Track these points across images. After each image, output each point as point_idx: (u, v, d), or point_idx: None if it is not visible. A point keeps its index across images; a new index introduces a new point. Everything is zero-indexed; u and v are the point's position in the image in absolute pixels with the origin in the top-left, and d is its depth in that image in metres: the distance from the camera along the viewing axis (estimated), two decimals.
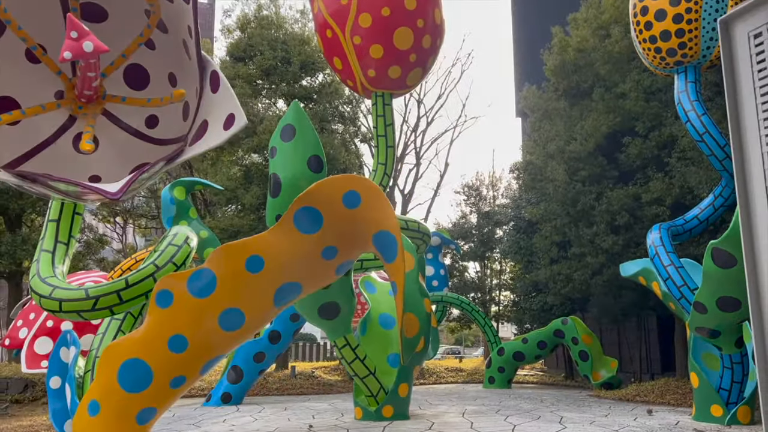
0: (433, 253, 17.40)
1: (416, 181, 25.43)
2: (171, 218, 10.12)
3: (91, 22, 3.77)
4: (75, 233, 4.49)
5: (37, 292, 4.14)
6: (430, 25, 6.66)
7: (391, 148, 6.86)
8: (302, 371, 15.05)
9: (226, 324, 3.74)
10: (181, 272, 3.77)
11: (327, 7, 6.64)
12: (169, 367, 3.77)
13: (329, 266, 3.80)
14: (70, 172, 3.75)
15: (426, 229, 6.71)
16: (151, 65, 4.03)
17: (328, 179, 3.56)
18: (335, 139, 14.71)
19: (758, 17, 2.27)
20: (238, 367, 9.60)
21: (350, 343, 6.14)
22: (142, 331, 3.77)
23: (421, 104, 25.31)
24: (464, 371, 19.15)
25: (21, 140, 3.78)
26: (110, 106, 3.99)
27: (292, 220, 3.62)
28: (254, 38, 15.27)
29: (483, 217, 25.23)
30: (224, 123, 3.39)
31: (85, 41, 3.01)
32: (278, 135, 5.25)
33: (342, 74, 6.85)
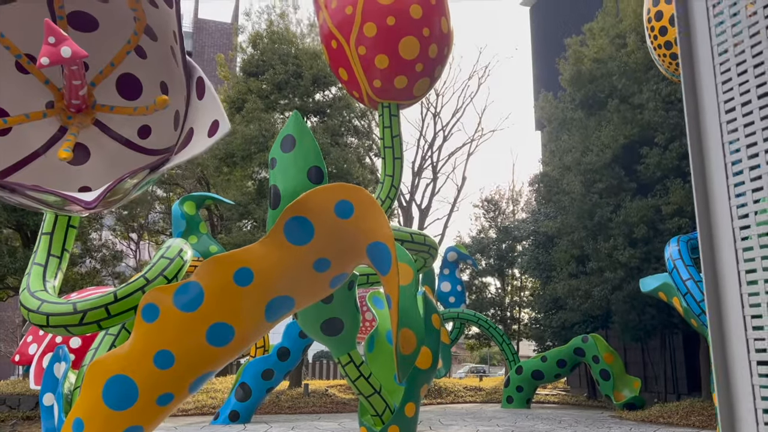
0: (450, 268, 17.12)
1: (433, 196, 25.28)
2: (181, 233, 10.09)
3: (81, 32, 3.70)
4: (68, 246, 4.40)
5: (26, 306, 4.04)
6: (436, 35, 6.51)
7: (399, 159, 6.71)
8: (316, 389, 14.83)
9: (214, 339, 3.57)
10: (168, 285, 3.63)
11: (332, 18, 6.54)
12: (156, 383, 3.60)
13: (322, 279, 3.62)
14: (60, 184, 3.67)
15: (432, 242, 6.51)
16: (143, 74, 3.94)
17: (320, 188, 3.40)
18: (349, 153, 14.63)
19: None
20: (247, 385, 9.45)
21: (354, 360, 5.94)
22: (127, 346, 3.62)
23: (438, 118, 25.21)
24: (483, 390, 18.73)
25: (10, 151, 3.70)
26: (102, 116, 3.91)
27: (282, 230, 3.45)
28: (266, 53, 15.36)
29: (502, 232, 24.91)
30: (209, 130, 3.26)
31: (63, 46, 2.91)
32: (278, 146, 5.12)
33: (348, 85, 6.74)
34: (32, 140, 3.73)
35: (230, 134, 14.02)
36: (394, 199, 6.78)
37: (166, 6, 3.26)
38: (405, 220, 23.61)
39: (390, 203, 6.73)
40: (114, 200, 3.41)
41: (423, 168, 24.99)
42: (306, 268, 3.76)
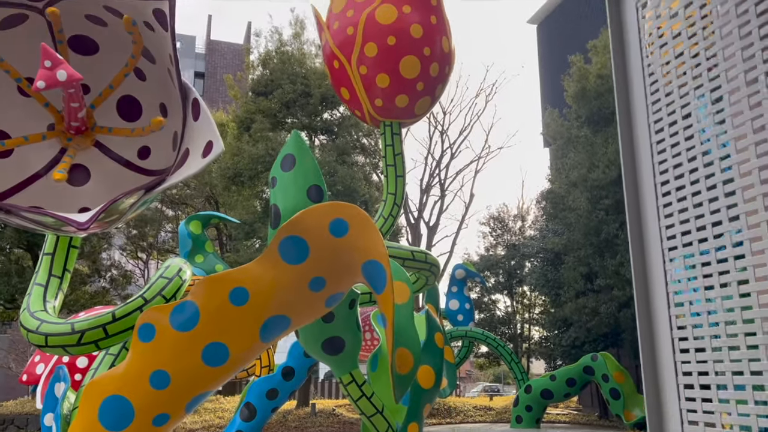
0: (458, 286, 17.01)
1: (441, 214, 25.28)
2: (188, 252, 10.12)
3: (81, 55, 3.76)
4: (70, 267, 4.43)
5: (25, 326, 4.05)
6: (437, 54, 6.54)
7: (401, 177, 6.71)
8: (324, 409, 14.74)
9: (209, 359, 3.55)
10: (165, 305, 3.64)
11: (334, 38, 6.60)
12: (151, 404, 3.58)
13: (318, 298, 3.61)
14: (61, 205, 3.71)
15: (434, 260, 6.48)
16: (143, 96, 4.00)
17: (314, 207, 3.41)
18: (356, 172, 14.72)
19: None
20: (251, 405, 9.38)
21: (356, 379, 5.91)
22: (123, 366, 3.62)
23: (445, 136, 25.32)
24: (494, 410, 18.53)
25: (11, 173, 3.75)
26: (102, 137, 3.96)
27: (277, 249, 3.46)
28: (275, 73, 15.55)
29: (510, 249, 24.82)
30: (203, 150, 3.29)
31: (59, 70, 2.96)
32: (278, 165, 5.14)
33: (350, 104, 6.78)
34: (33, 162, 3.78)
35: (238, 153, 14.18)
36: (397, 217, 6.77)
37: (162, 29, 3.31)
38: (413, 238, 23.63)
39: (393, 221, 6.73)
40: (110, 221, 3.43)
41: (431, 185, 25.06)
42: (301, 287, 3.75)
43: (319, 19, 7.10)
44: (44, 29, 3.50)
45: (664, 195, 2.04)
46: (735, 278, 1.79)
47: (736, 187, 1.79)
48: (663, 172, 2.06)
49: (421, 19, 6.72)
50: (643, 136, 2.12)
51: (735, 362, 1.75)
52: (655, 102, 2.10)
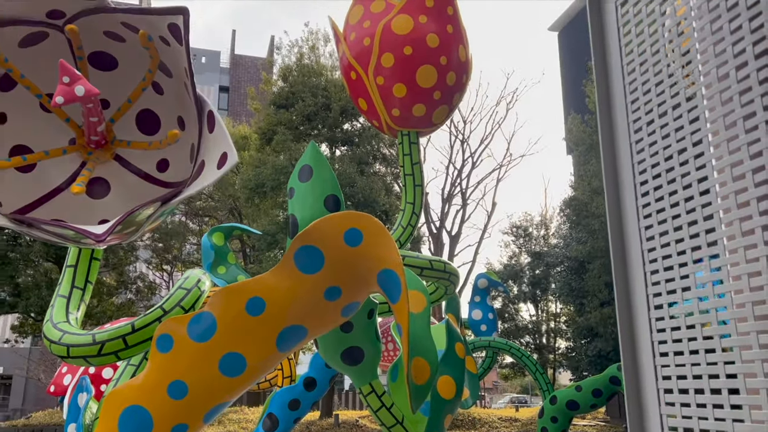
0: (481, 295, 16.83)
1: (463, 223, 25.16)
2: (210, 264, 10.23)
3: (101, 71, 3.84)
4: (92, 279, 4.50)
5: (48, 338, 4.13)
6: (454, 63, 6.55)
7: (419, 187, 6.71)
8: (347, 420, 14.72)
9: (226, 369, 3.57)
10: (183, 316, 3.67)
11: (351, 50, 6.65)
12: (170, 414, 3.61)
13: (334, 308, 3.61)
14: (82, 218, 3.78)
15: (453, 269, 6.44)
16: (161, 110, 4.07)
17: (328, 216, 3.42)
18: (376, 182, 14.76)
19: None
20: (274, 415, 9.39)
21: (376, 390, 5.87)
22: (142, 376, 3.66)
23: (466, 144, 25.27)
24: (519, 421, 18.28)
25: (34, 187, 3.84)
26: (122, 151, 4.04)
27: (292, 259, 3.47)
28: (296, 86, 15.72)
29: (534, 258, 24.58)
30: (218, 162, 3.34)
31: (77, 85, 3.03)
32: (296, 176, 5.17)
33: (367, 115, 6.82)
34: (55, 176, 3.86)
35: (260, 165, 14.33)
36: (415, 226, 6.76)
37: (177, 43, 3.36)
38: (435, 248, 23.53)
39: (412, 230, 6.71)
40: (128, 232, 3.48)
41: (453, 195, 24.97)
42: (317, 296, 3.75)
43: (336, 31, 7.16)
44: (65, 46, 3.59)
45: (643, 195, 2.02)
46: (710, 278, 1.77)
47: (710, 185, 1.78)
48: (642, 172, 2.05)
49: (438, 29, 6.73)
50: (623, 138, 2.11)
51: (711, 365, 1.71)
52: (634, 101, 2.10)
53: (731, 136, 1.71)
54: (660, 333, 1.87)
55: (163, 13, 3.24)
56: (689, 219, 1.85)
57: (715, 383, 1.69)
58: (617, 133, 2.16)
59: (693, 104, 1.88)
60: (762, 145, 1.63)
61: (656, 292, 1.94)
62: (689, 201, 1.86)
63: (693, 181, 1.86)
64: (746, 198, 1.65)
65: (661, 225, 1.96)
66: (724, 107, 1.74)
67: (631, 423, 1.89)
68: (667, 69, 1.96)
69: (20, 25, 3.32)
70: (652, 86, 2.04)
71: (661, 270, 1.91)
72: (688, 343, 1.80)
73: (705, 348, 1.74)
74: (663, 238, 1.95)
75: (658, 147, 1.99)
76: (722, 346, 1.71)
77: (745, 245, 1.65)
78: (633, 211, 2.06)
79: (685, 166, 1.88)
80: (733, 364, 1.65)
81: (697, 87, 1.87)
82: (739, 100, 1.69)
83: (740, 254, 1.66)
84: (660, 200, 1.97)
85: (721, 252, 1.74)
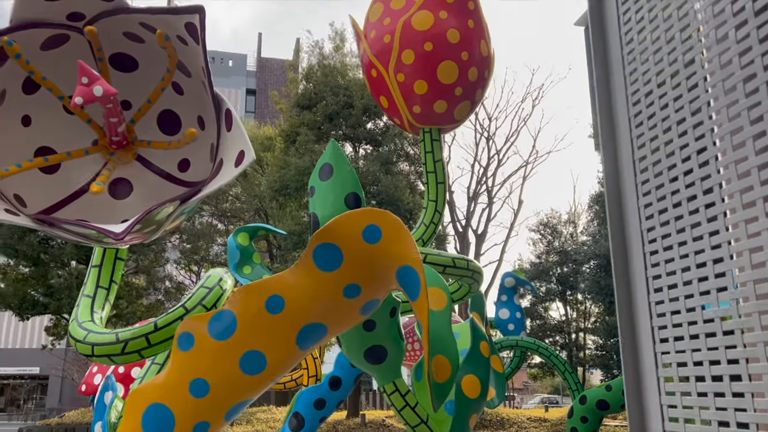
0: (508, 294, 16.66)
1: (489, 221, 24.94)
2: (236, 264, 10.33)
3: (122, 72, 3.88)
4: (116, 278, 4.55)
5: (74, 337, 4.20)
6: (476, 58, 6.47)
7: (442, 184, 6.65)
8: (374, 419, 14.71)
9: (247, 367, 3.58)
10: (203, 314, 3.69)
11: (371, 47, 6.63)
12: (191, 412, 3.63)
13: (353, 305, 3.59)
14: (105, 218, 3.83)
15: (476, 266, 6.36)
16: (181, 110, 4.10)
17: (346, 214, 3.39)
18: (399, 181, 14.71)
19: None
20: (300, 414, 9.42)
21: (400, 389, 5.84)
22: (164, 375, 3.68)
23: (492, 142, 25.07)
24: (549, 422, 18.05)
25: (58, 188, 3.90)
26: (144, 151, 4.08)
27: (311, 257, 3.45)
28: (318, 86, 15.79)
29: (562, 256, 24.26)
30: (236, 160, 3.34)
31: (96, 86, 3.06)
32: (316, 174, 5.17)
33: (389, 112, 6.79)
34: (79, 177, 3.91)
35: (284, 166, 14.41)
36: (438, 224, 6.70)
37: (194, 42, 3.38)
38: (461, 246, 23.40)
39: (435, 228, 6.67)
40: (148, 231, 3.50)
41: (478, 193, 24.78)
42: (336, 294, 3.73)
43: (356, 29, 7.14)
44: (86, 48, 3.63)
45: (642, 171, 1.94)
46: (711, 257, 1.68)
47: (709, 156, 1.70)
48: (641, 146, 1.97)
49: (459, 24, 6.66)
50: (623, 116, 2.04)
51: (712, 350, 1.63)
52: (632, 72, 2.01)
53: (732, 101, 1.63)
54: (660, 318, 1.79)
55: (179, 13, 3.25)
56: (689, 194, 1.77)
57: (717, 369, 1.61)
58: (616, 107, 2.08)
59: (692, 70, 1.79)
60: (763, 109, 1.54)
61: (656, 274, 1.86)
62: (688, 174, 1.78)
63: (692, 153, 1.78)
64: (747, 167, 1.56)
65: (660, 202, 1.88)
66: (723, 71, 1.65)
67: (630, 412, 1.82)
68: (665, 34, 1.88)
69: (41, 27, 3.36)
70: (650, 55, 1.96)
71: (661, 250, 1.83)
72: (688, 327, 1.72)
73: (705, 332, 1.66)
74: (662, 216, 1.87)
75: (656, 119, 1.92)
76: (723, 329, 1.63)
77: (747, 219, 1.56)
78: (632, 189, 1.98)
79: (684, 137, 1.80)
80: (734, 349, 1.56)
81: (697, 51, 1.79)
82: (738, 62, 1.60)
83: (741, 230, 1.57)
84: (659, 175, 1.89)
85: (721, 228, 1.65)
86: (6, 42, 3.16)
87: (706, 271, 1.68)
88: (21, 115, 3.64)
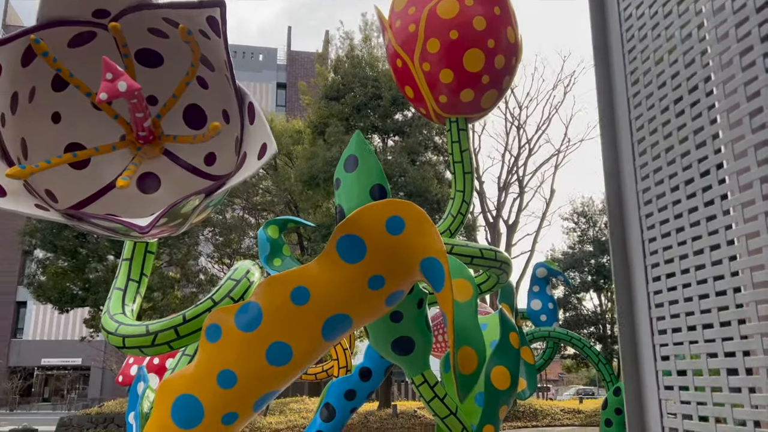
0: (540, 285, 16.48)
1: (520, 212, 24.65)
2: (266, 256, 10.42)
3: (148, 68, 3.92)
4: (147, 271, 4.64)
5: (106, 329, 4.28)
6: (502, 45, 6.36)
7: (469, 174, 6.58)
8: (406, 410, 14.74)
9: (273, 358, 3.61)
10: (230, 306, 3.73)
11: (396, 37, 6.59)
12: (220, 403, 3.68)
13: (378, 297, 3.58)
14: (134, 213, 3.89)
15: (504, 257, 6.29)
16: (206, 104, 4.14)
17: (369, 205, 3.38)
18: (427, 171, 14.63)
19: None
20: (330, 405, 9.49)
21: (428, 380, 5.82)
22: (193, 366, 3.74)
23: (522, 131, 24.72)
24: (583, 413, 17.87)
25: (88, 184, 3.97)
26: (170, 146, 4.13)
27: (335, 249, 3.46)
28: (347, 77, 15.78)
29: (597, 245, 23.84)
30: (258, 153, 3.36)
31: (120, 81, 3.10)
32: (341, 167, 5.18)
33: (414, 102, 6.74)
34: (108, 172, 3.98)
35: (312, 158, 14.48)
36: (466, 215, 6.63)
37: (216, 36, 3.39)
38: (492, 237, 23.19)
39: (462, 219, 6.60)
40: (174, 225, 3.55)
41: (509, 183, 24.48)
42: (360, 285, 3.73)
43: (381, 19, 7.09)
44: (112, 45, 3.68)
45: (640, 155, 1.86)
46: (708, 243, 1.60)
47: (706, 136, 1.62)
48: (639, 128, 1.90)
49: (484, 11, 6.55)
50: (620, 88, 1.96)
51: (709, 342, 1.55)
52: (631, 49, 1.94)
53: (728, 76, 1.54)
54: (658, 308, 1.72)
55: (201, 7, 3.27)
56: (686, 177, 1.70)
57: (714, 363, 1.54)
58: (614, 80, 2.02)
59: (689, 45, 1.71)
60: (761, 83, 1.46)
61: (654, 262, 1.79)
62: (686, 156, 1.70)
63: (689, 134, 1.70)
64: (744, 146, 1.48)
65: (658, 186, 1.81)
66: (719, 45, 1.57)
67: (629, 411, 1.76)
68: (662, 8, 1.80)
69: (67, 25, 3.42)
70: (648, 31, 1.88)
71: (659, 237, 1.76)
72: (686, 318, 1.64)
73: (702, 323, 1.58)
74: (660, 201, 1.80)
75: (654, 99, 1.85)
76: (720, 320, 1.56)
77: (743, 202, 1.48)
78: (631, 174, 1.91)
79: (681, 117, 1.72)
80: (731, 341, 1.49)
81: (692, 27, 1.71)
82: (735, 34, 1.52)
83: (738, 213, 1.50)
84: (657, 158, 1.82)
85: (718, 212, 1.57)
86: (33, 40, 3.22)
87: (704, 258, 1.62)
88: (51, 112, 3.71)
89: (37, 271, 19.30)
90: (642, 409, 1.72)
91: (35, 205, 3.19)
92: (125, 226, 3.00)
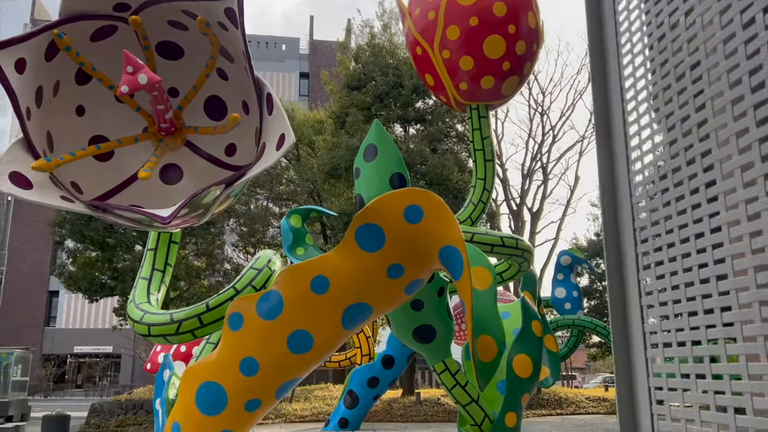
0: (564, 273, 16.35)
1: (544, 199, 24.38)
2: (289, 245, 10.51)
3: (169, 60, 3.96)
4: (171, 261, 4.71)
5: (131, 317, 4.37)
6: (523, 31, 6.28)
7: (490, 161, 6.53)
8: (429, 398, 14.80)
9: (294, 346, 3.66)
10: (252, 294, 3.79)
11: (416, 25, 6.55)
12: (243, 390, 3.75)
13: (397, 285, 3.60)
14: (157, 204, 3.95)
15: (526, 245, 6.25)
16: (226, 95, 4.17)
17: (388, 194, 3.38)
18: (448, 160, 14.54)
19: None
20: (354, 392, 9.60)
21: (450, 368, 5.84)
22: (216, 353, 3.81)
23: (546, 117, 24.40)
24: (608, 401, 17.71)
25: (112, 175, 4.03)
26: (192, 137, 4.17)
27: (354, 237, 3.48)
28: (368, 66, 15.72)
29: None
30: (277, 143, 3.38)
31: (140, 74, 3.13)
32: (361, 156, 5.19)
33: (434, 90, 6.70)
34: (132, 164, 4.04)
35: (334, 147, 14.53)
36: (487, 203, 6.60)
37: (234, 27, 3.41)
38: (516, 225, 23.03)
39: (483, 207, 6.57)
40: (196, 215, 3.59)
41: (533, 170, 24.23)
42: (380, 274, 3.74)
43: (401, 7, 7.05)
44: (133, 38, 3.72)
45: (633, 149, 1.83)
46: (694, 231, 1.57)
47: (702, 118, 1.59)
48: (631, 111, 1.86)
49: None
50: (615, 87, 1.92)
51: (694, 330, 1.53)
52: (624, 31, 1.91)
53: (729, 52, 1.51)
54: (648, 296, 1.70)
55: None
56: (674, 165, 1.67)
57: (699, 350, 1.52)
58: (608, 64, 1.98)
59: (677, 32, 1.68)
60: (742, 71, 1.42)
61: (644, 250, 1.78)
62: (673, 144, 1.67)
63: (677, 122, 1.67)
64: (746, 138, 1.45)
65: (647, 175, 1.79)
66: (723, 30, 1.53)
67: (620, 398, 1.74)
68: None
69: (89, 19, 3.46)
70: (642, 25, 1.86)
71: (649, 226, 1.74)
72: (673, 306, 1.63)
73: (688, 311, 1.57)
74: (650, 188, 1.78)
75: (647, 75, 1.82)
76: (704, 307, 1.54)
77: (742, 194, 1.44)
78: (623, 162, 1.88)
79: (669, 105, 1.69)
80: (714, 328, 1.47)
81: (680, 15, 1.68)
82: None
83: (722, 201, 1.47)
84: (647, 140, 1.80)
85: (702, 201, 1.55)
86: (56, 35, 3.27)
87: (689, 246, 1.61)
88: (75, 106, 3.77)
89: (67, 261, 19.78)
90: (632, 396, 1.72)
91: (61, 197, 3.26)
92: (148, 216, 3.06)
